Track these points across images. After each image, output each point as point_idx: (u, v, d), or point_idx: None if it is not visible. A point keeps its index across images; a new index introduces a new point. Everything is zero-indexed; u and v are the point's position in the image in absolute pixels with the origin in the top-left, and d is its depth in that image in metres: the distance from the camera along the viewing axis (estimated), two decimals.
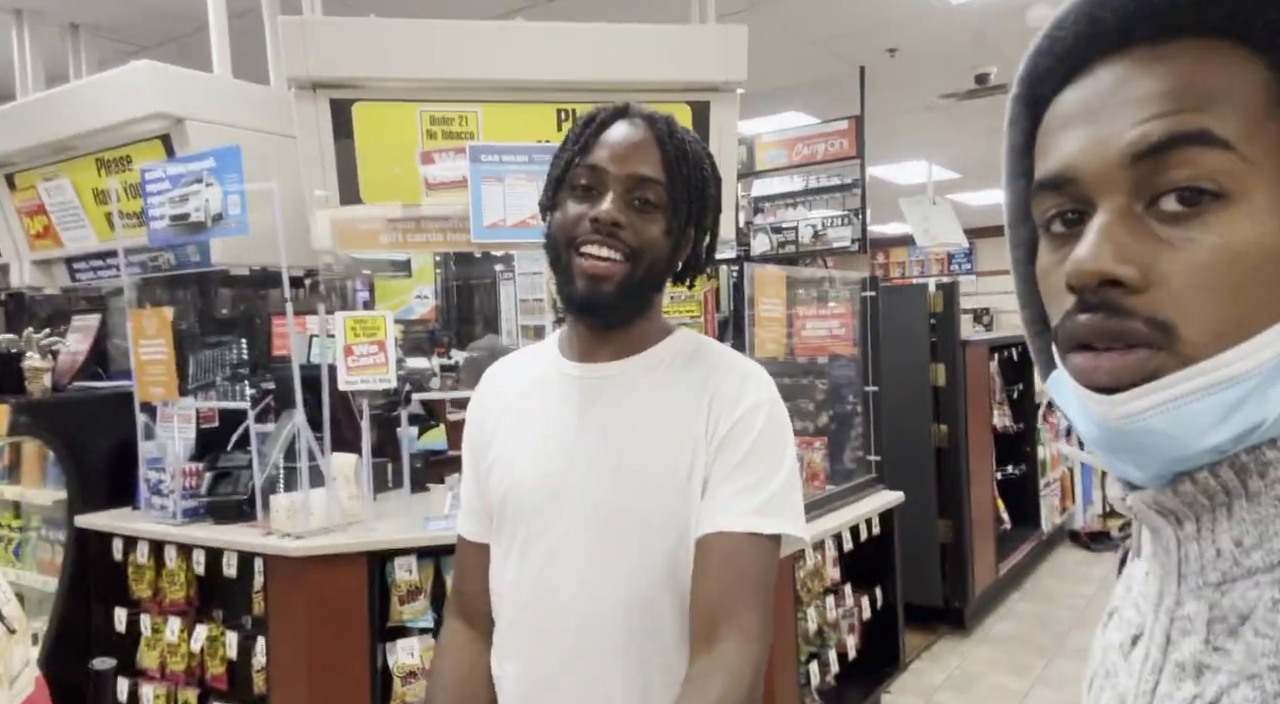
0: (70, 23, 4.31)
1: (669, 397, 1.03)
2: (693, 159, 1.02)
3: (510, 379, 1.14)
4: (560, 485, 1.01)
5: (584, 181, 0.99)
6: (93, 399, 3.04)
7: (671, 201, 1.00)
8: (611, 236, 0.97)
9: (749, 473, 0.98)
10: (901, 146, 7.85)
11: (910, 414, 4.31)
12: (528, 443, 1.06)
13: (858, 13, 4.61)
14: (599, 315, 1.02)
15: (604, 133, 1.01)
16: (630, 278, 0.98)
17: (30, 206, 3.46)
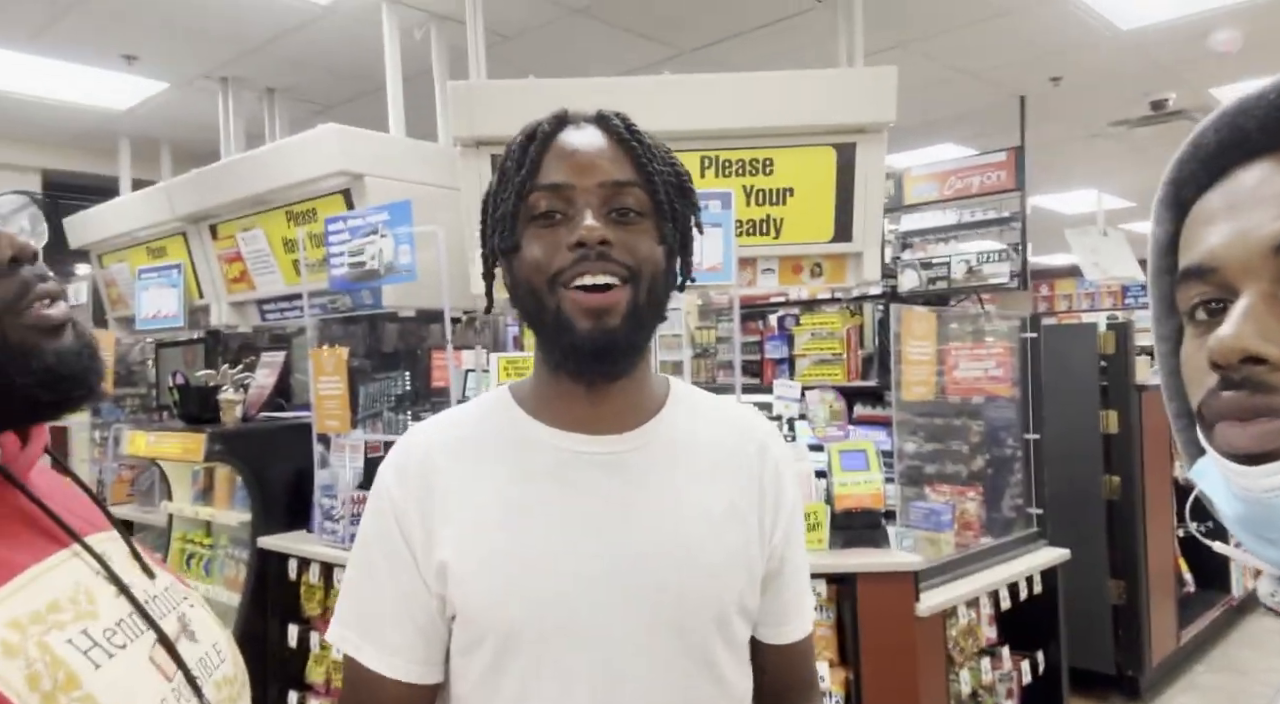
0: (267, 87, 4.81)
1: (709, 467, 0.88)
2: (660, 152, 0.85)
3: (448, 453, 0.87)
4: (610, 593, 0.81)
5: (545, 207, 0.81)
6: (276, 429, 3.34)
7: (655, 205, 0.83)
8: (603, 258, 0.78)
9: (803, 568, 0.96)
10: (1067, 175, 7.43)
11: (1077, 464, 4.02)
12: (522, 542, 0.82)
13: (1017, 44, 4.44)
14: (612, 360, 0.82)
15: (552, 145, 0.83)
16: (636, 304, 0.80)
17: (229, 254, 3.87)
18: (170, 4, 3.71)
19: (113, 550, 0.73)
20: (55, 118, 5.19)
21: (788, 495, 0.92)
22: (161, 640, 0.69)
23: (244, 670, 0.81)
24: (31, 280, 0.66)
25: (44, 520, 0.68)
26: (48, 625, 0.62)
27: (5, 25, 3.89)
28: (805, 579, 0.95)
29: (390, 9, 3.68)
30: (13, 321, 0.64)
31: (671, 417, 0.89)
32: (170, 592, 0.76)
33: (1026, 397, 3.29)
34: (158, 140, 5.62)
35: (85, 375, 0.68)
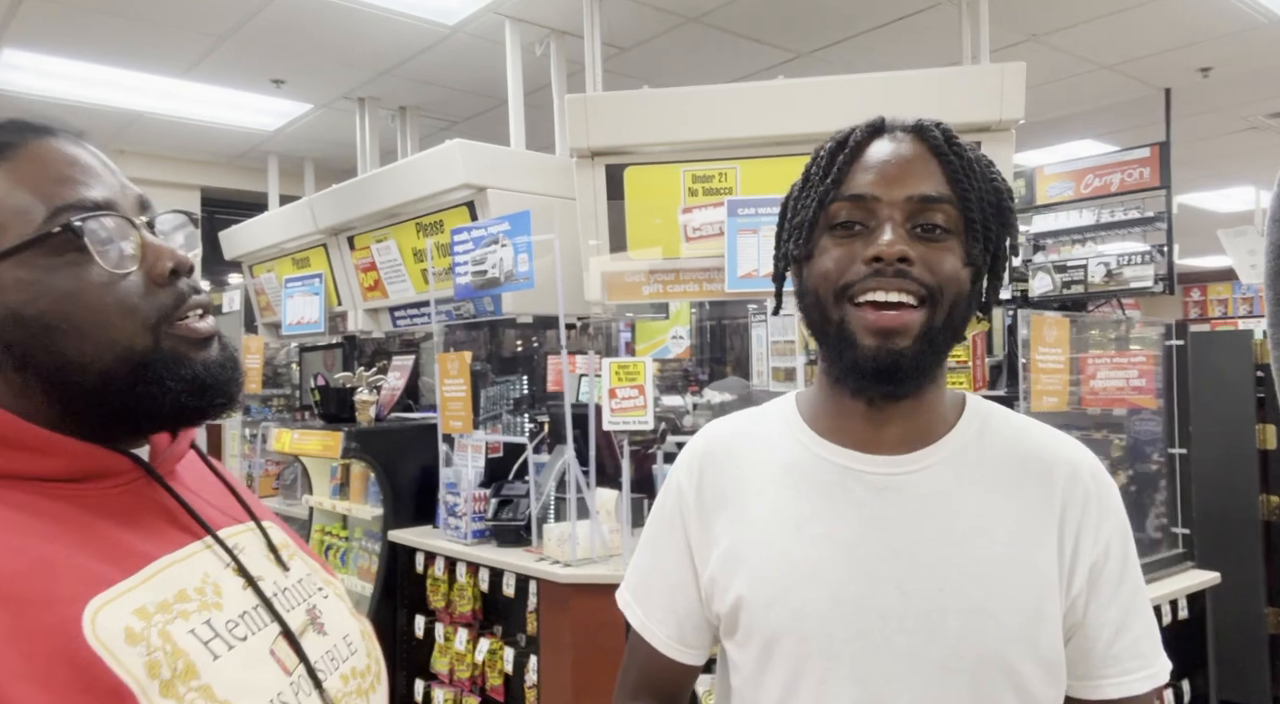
0: (400, 106, 5.08)
1: (996, 506, 0.80)
2: (980, 168, 0.80)
3: (742, 454, 0.89)
4: (873, 618, 0.78)
5: (845, 217, 0.78)
6: (406, 429, 3.52)
7: (966, 224, 0.78)
8: (900, 276, 0.75)
9: (1136, 615, 0.81)
10: (1219, 172, 6.88)
11: (1231, 482, 3.71)
12: (796, 548, 0.81)
13: (1160, 34, 4.16)
14: (896, 382, 0.78)
15: (861, 155, 0.80)
16: (930, 327, 0.76)
17: (365, 264, 4.11)
18: (314, 31, 3.98)
19: (247, 544, 0.75)
20: (212, 139, 5.65)
21: (1099, 533, 0.80)
22: (285, 634, 0.70)
23: (379, 661, 0.82)
24: (187, 292, 0.69)
25: (182, 514, 0.71)
26: (173, 615, 0.63)
27: (168, 56, 4.28)
28: (1130, 626, 0.80)
29: (512, 26, 3.82)
30: (167, 331, 0.67)
31: (959, 439, 0.83)
32: (305, 584, 0.78)
33: (1171, 409, 3.07)
34: (302, 158, 6.03)
35: (227, 385, 0.71)
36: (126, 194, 0.69)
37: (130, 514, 0.67)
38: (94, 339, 0.65)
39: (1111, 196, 4.90)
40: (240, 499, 0.78)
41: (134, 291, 0.66)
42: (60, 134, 0.69)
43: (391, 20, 3.85)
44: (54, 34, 3.98)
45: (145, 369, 0.66)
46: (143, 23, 3.87)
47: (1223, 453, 3.65)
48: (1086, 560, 0.79)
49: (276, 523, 0.84)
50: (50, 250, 0.64)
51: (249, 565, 0.72)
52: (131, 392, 0.66)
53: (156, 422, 0.70)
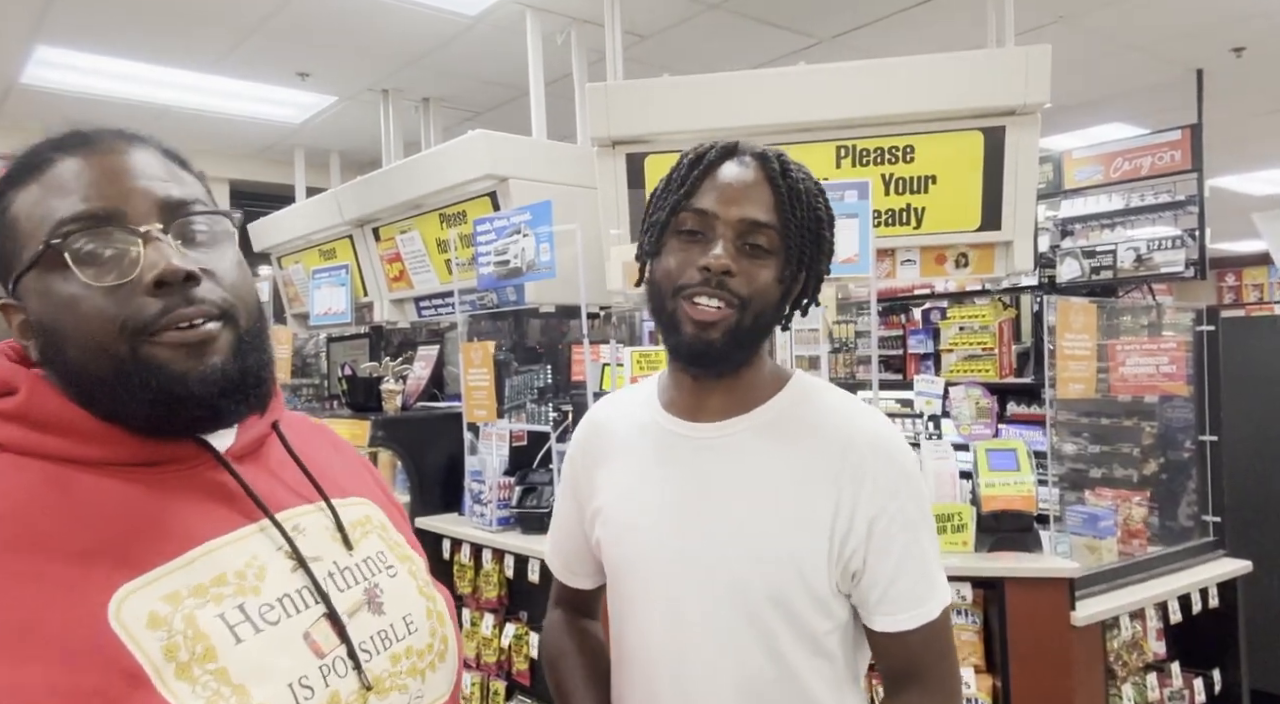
0: (423, 97, 5.11)
1: (785, 467, 0.96)
2: (806, 199, 0.95)
3: (612, 425, 1.09)
4: (674, 552, 0.97)
5: (690, 226, 0.94)
6: (431, 418, 3.56)
7: (784, 246, 0.94)
8: (721, 287, 0.91)
9: (910, 565, 0.95)
10: (1254, 154, 6.73)
11: (1264, 469, 3.66)
12: (635, 498, 1.02)
13: (1191, 14, 4.07)
14: (707, 364, 0.96)
15: (712, 174, 0.95)
16: (739, 326, 0.93)
17: (390, 254, 4.15)
18: (338, 25, 4.02)
19: (310, 524, 0.77)
20: (240, 132, 5.72)
21: (875, 496, 0.94)
22: (329, 615, 0.72)
23: (447, 639, 0.83)
24: (176, 303, 0.68)
25: (242, 497, 0.73)
26: (207, 598, 0.66)
27: (196, 51, 4.33)
28: (904, 575, 0.95)
29: (533, 16, 3.83)
30: (148, 340, 0.67)
31: (775, 410, 1.00)
32: (370, 563, 0.80)
33: (1203, 396, 3.03)
34: (328, 150, 6.09)
35: (210, 399, 0.70)
36: (139, 201, 0.69)
37: (188, 498, 0.71)
38: (82, 346, 0.68)
39: (1141, 180, 4.81)
40: (313, 479, 0.80)
41: (116, 301, 0.67)
42: (95, 144, 0.71)
43: (414, 12, 3.87)
44: (85, 31, 4.04)
45: (124, 377, 0.67)
46: (171, 18, 3.92)
47: (1255, 440, 3.59)
48: (863, 518, 0.94)
49: (373, 499, 0.88)
50: (49, 265, 0.68)
51: (306, 546, 0.74)
52: (116, 397, 0.68)
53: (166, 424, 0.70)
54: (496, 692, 2.91)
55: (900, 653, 0.97)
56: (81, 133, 0.72)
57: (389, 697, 0.74)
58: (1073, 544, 2.62)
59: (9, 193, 0.70)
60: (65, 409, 0.69)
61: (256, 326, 0.75)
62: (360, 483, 0.89)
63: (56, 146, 0.71)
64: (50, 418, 0.68)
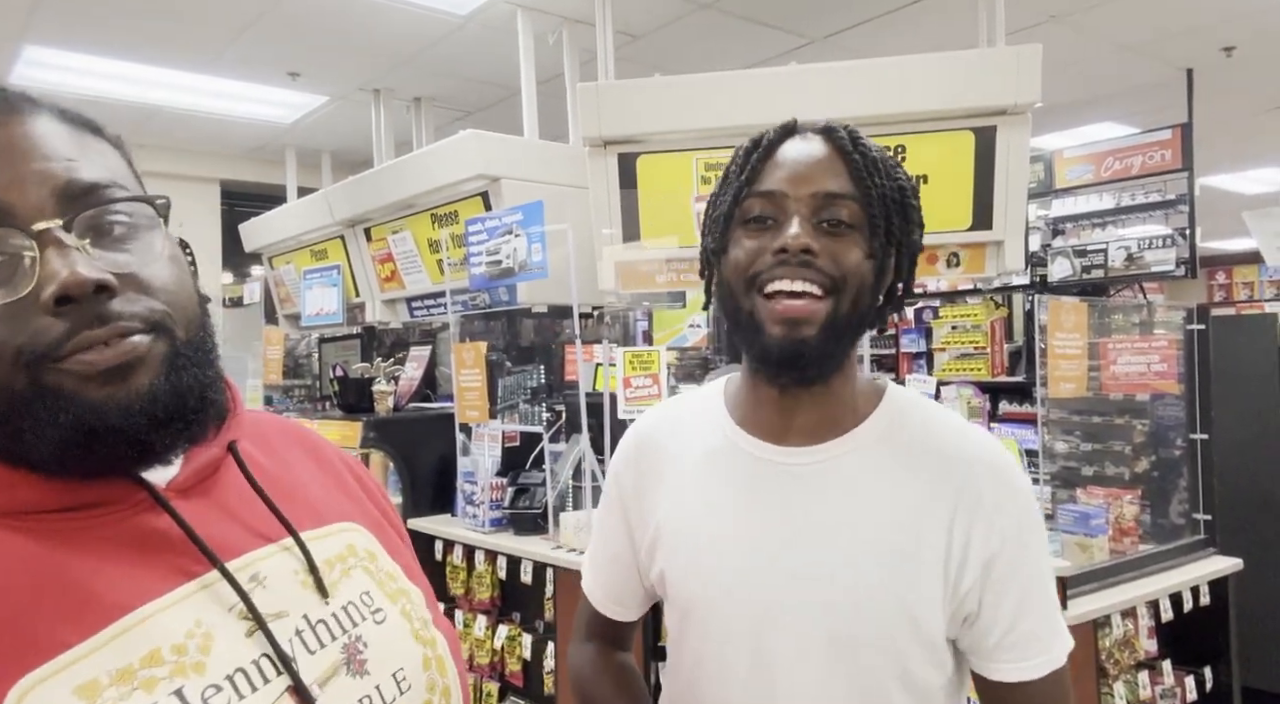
0: (414, 97, 5.10)
1: (891, 499, 0.84)
2: (884, 167, 0.84)
3: (673, 443, 0.96)
4: (763, 595, 0.85)
5: (758, 212, 0.83)
6: (423, 419, 3.55)
7: (868, 218, 0.82)
8: (805, 267, 0.80)
9: (1034, 604, 0.84)
10: (1244, 153, 6.77)
11: (1254, 467, 3.68)
12: (710, 528, 0.89)
13: (1181, 14, 4.08)
14: (801, 369, 0.83)
15: (774, 155, 0.85)
16: (834, 316, 0.81)
17: (381, 255, 4.14)
18: (328, 24, 4.00)
19: (274, 570, 0.63)
20: (230, 133, 5.69)
21: (992, 528, 0.83)
22: (295, 688, 0.58)
23: (446, 691, 0.70)
24: (84, 322, 0.54)
25: (188, 545, 0.59)
26: (134, 684, 0.53)
27: (186, 51, 4.31)
28: (1027, 616, 0.85)
29: (525, 16, 3.82)
30: (52, 366, 0.54)
31: (868, 433, 0.87)
32: (353, 609, 0.66)
33: (1193, 394, 3.04)
34: (319, 150, 6.06)
35: (134, 430, 0.56)
36: (33, 189, 0.55)
37: (118, 550, 0.57)
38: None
39: (1132, 179, 4.83)
40: (276, 512, 0.65)
41: (6, 325, 0.53)
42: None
43: (405, 12, 3.85)
44: (74, 30, 4.02)
45: (23, 413, 0.54)
46: (161, 18, 3.90)
47: (1246, 438, 3.61)
48: (979, 555, 0.83)
49: (360, 521, 0.74)
50: None
51: (266, 601, 0.61)
52: (16, 437, 0.55)
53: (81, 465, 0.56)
54: (489, 693, 2.91)
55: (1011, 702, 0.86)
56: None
57: None
58: (1064, 542, 2.62)
59: None
60: None
61: (197, 336, 0.61)
62: (344, 502, 0.75)
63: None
64: None
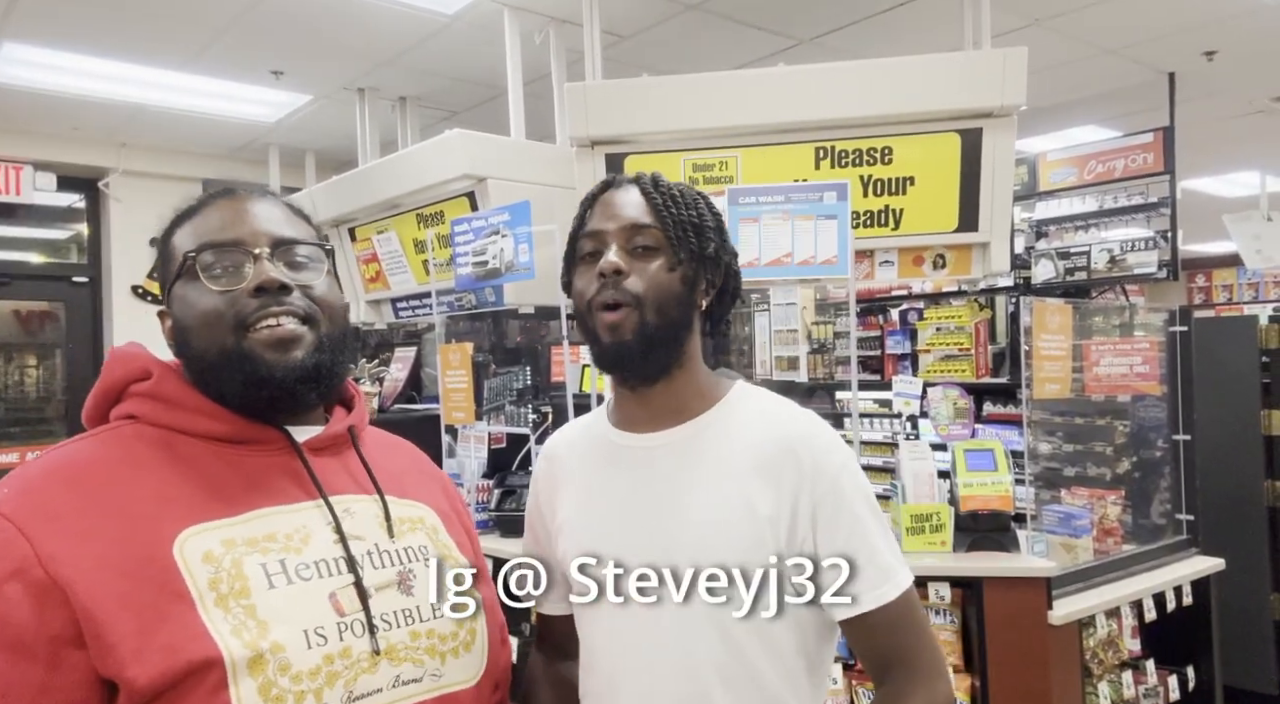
0: (400, 97, 5.06)
1: (723, 469, 1.01)
2: (684, 199, 1.05)
3: (565, 450, 1.16)
4: (629, 557, 1.01)
5: (589, 249, 1.04)
6: (408, 420, 3.52)
7: (669, 240, 1.02)
8: (616, 287, 0.99)
9: (862, 544, 0.99)
10: (1225, 156, 6.84)
11: (1235, 468, 3.71)
12: (591, 508, 1.07)
13: (1163, 18, 4.12)
14: (628, 368, 1.02)
15: (596, 204, 1.06)
16: (644, 321, 0.99)
17: (366, 255, 4.11)
18: (312, 22, 3.97)
19: (361, 510, 0.93)
20: (213, 132, 5.64)
21: (825, 490, 1.00)
22: (356, 584, 0.86)
23: (473, 632, 0.95)
24: (267, 302, 0.87)
25: (307, 479, 0.90)
26: (255, 548, 0.82)
27: (167, 49, 4.26)
28: (858, 557, 0.99)
29: (511, 15, 3.80)
30: (249, 334, 0.87)
31: (714, 417, 1.05)
32: (411, 551, 0.94)
33: (1176, 395, 3.06)
34: (303, 150, 6.01)
35: (288, 383, 0.88)
36: (259, 234, 0.91)
37: (264, 473, 0.89)
38: (201, 336, 0.88)
39: (1115, 182, 4.87)
40: (372, 475, 0.96)
41: (227, 302, 0.87)
42: (235, 195, 0.94)
43: (390, 10, 3.83)
44: (53, 27, 3.97)
45: (227, 361, 0.87)
46: (142, 15, 3.86)
47: (1227, 439, 3.64)
48: (805, 508, 0.99)
49: (435, 508, 1.02)
50: (188, 277, 0.90)
51: (350, 525, 0.90)
52: (220, 378, 0.87)
53: (265, 409, 0.90)
54: None
55: (871, 640, 1.01)
56: (230, 189, 0.95)
57: (401, 666, 0.86)
58: (1049, 543, 2.64)
59: (174, 229, 0.93)
60: (183, 391, 0.89)
61: (337, 333, 0.93)
62: (427, 493, 1.04)
63: (210, 196, 0.94)
64: (172, 396, 0.89)
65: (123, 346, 0.94)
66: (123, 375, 0.91)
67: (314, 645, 0.80)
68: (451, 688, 0.90)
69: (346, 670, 0.82)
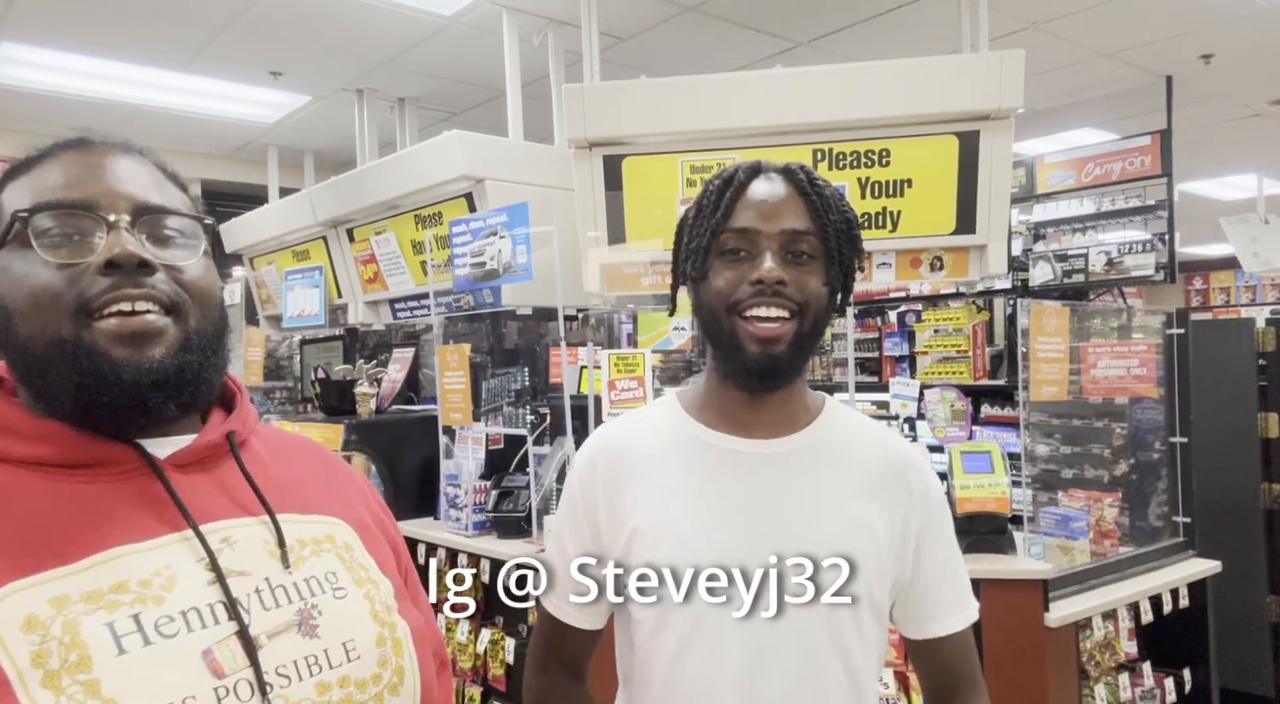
0: (398, 97, 5.07)
1: (845, 486, 1.01)
2: (835, 203, 1.00)
3: (633, 446, 1.05)
4: (750, 570, 0.95)
5: (734, 245, 0.98)
6: (406, 421, 3.52)
7: (825, 250, 0.98)
8: (778, 296, 0.95)
9: (953, 570, 1.05)
10: (1222, 159, 6.85)
11: (1232, 470, 3.71)
12: (690, 516, 0.98)
13: (1161, 21, 4.13)
14: (775, 378, 0.99)
15: (744, 194, 0.99)
16: (800, 334, 0.97)
17: (364, 256, 4.11)
18: (311, 23, 3.97)
19: (245, 537, 0.74)
20: (212, 132, 5.64)
21: (931, 515, 1.04)
22: (240, 634, 0.68)
23: (402, 670, 0.77)
24: (118, 284, 0.68)
25: (170, 506, 0.71)
26: (99, 605, 0.64)
27: (166, 49, 4.27)
28: (949, 580, 1.05)
29: (510, 17, 3.81)
30: (85, 322, 0.68)
31: (823, 428, 1.04)
32: (314, 582, 0.75)
33: (1173, 398, 3.07)
34: (301, 150, 6.02)
35: (144, 391, 0.69)
36: (116, 196, 0.71)
37: (109, 503, 0.69)
38: (29, 321, 0.68)
39: (1112, 185, 4.88)
40: (258, 492, 0.77)
41: (67, 279, 0.68)
42: (89, 146, 0.74)
43: (389, 11, 3.83)
44: (52, 28, 3.96)
45: (60, 356, 0.68)
46: (140, 15, 3.86)
47: (1224, 441, 3.64)
48: (914, 529, 1.02)
49: (348, 520, 0.83)
50: (15, 244, 0.70)
51: (231, 560, 0.71)
52: (49, 377, 0.68)
53: (94, 411, 0.69)
54: (472, 697, 2.89)
55: (946, 659, 1.06)
56: (82, 138, 0.75)
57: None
58: (1046, 545, 2.64)
59: (6, 182, 0.74)
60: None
61: (210, 329, 0.75)
62: (337, 504, 0.84)
63: (56, 146, 0.75)
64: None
65: None
66: None
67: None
68: None
69: None
